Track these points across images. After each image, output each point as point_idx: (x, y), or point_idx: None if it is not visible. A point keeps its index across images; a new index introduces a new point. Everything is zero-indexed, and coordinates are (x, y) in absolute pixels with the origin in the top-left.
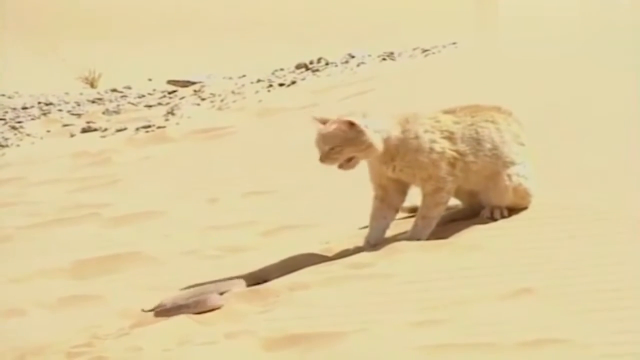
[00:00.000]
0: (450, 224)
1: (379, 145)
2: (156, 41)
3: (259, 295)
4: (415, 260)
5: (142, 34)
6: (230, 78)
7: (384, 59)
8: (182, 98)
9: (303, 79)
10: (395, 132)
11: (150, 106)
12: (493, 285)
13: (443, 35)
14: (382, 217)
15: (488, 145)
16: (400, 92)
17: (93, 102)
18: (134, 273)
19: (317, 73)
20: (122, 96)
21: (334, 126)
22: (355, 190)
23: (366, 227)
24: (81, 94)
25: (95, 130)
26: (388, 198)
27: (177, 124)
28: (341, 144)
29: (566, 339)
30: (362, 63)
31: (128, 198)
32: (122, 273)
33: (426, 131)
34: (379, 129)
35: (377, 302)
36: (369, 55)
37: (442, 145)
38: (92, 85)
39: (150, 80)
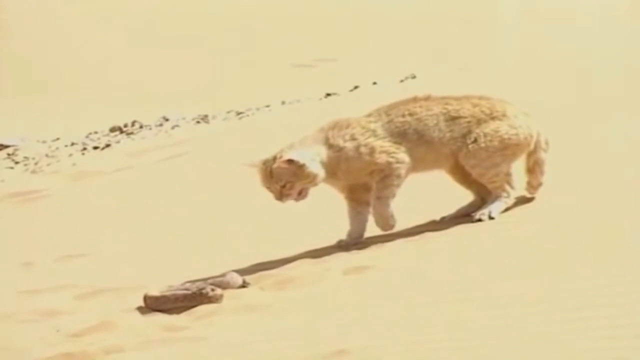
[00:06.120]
0: (269, 287)
1: (321, 171)
2: None
3: (74, 359)
4: (231, 322)
5: None
6: (44, 141)
7: (198, 122)
8: None
9: (117, 142)
10: (325, 152)
11: None
12: (309, 346)
13: (257, 98)
14: (357, 213)
15: (414, 136)
16: (215, 154)
17: None
18: None
19: (132, 136)
20: None
21: (276, 166)
22: (171, 251)
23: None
24: None
25: None
26: (355, 195)
27: None
28: (291, 180)
29: None
30: (177, 126)
31: None
32: None
33: (346, 140)
34: (312, 156)
35: None
36: (184, 118)
37: (368, 142)
38: None
39: None
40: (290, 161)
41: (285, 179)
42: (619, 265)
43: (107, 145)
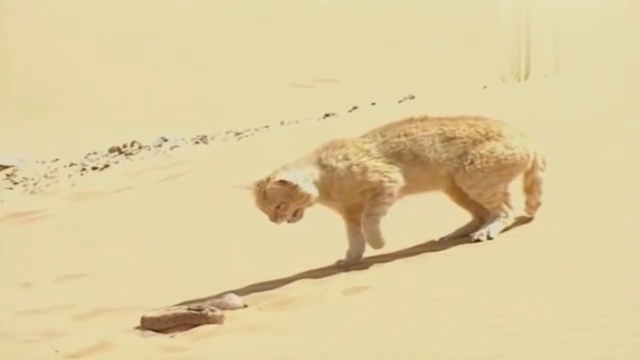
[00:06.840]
0: (268, 307)
1: (315, 192)
2: None
3: None
4: (230, 342)
5: None
6: (43, 162)
7: (197, 142)
8: None
9: (116, 163)
10: (318, 173)
11: None
12: None
13: (256, 118)
14: (355, 233)
15: (409, 157)
16: (214, 174)
17: None
18: None
19: (131, 157)
20: None
21: (269, 187)
22: (170, 271)
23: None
24: None
25: None
26: (353, 216)
27: None
28: (285, 200)
29: None
30: (176, 146)
31: None
32: None
33: (338, 160)
34: (306, 177)
35: None
36: (182, 139)
37: (360, 162)
38: None
39: None
40: (283, 182)
41: (279, 200)
42: (618, 285)
43: (106, 166)
